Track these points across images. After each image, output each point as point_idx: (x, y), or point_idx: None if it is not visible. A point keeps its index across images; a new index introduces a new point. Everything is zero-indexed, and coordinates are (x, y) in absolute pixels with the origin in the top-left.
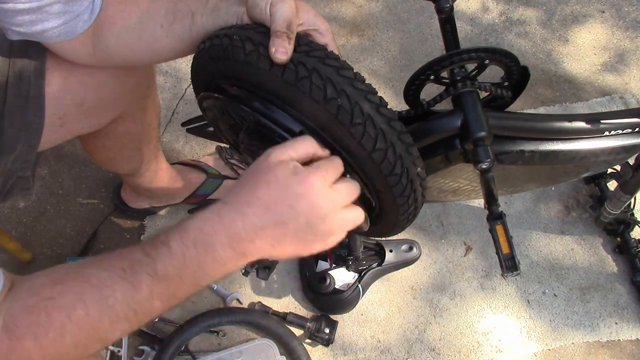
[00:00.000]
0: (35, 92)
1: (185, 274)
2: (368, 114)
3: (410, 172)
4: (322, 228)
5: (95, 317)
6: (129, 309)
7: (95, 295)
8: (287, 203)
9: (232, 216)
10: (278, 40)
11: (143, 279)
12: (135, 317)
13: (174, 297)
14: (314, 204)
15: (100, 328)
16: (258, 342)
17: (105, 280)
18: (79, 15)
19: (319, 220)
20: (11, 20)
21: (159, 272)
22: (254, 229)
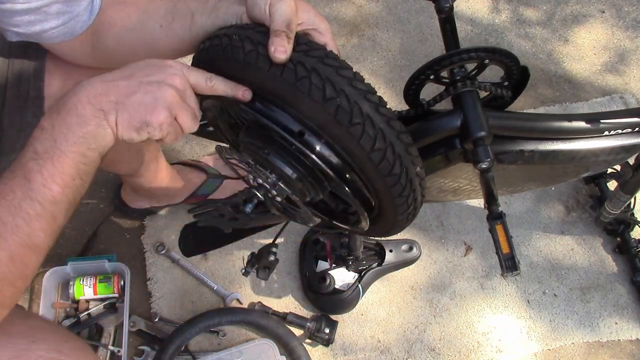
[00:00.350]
0: (34, 93)
1: (59, 142)
2: (367, 113)
3: (410, 172)
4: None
5: (11, 223)
6: (34, 202)
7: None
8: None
9: (90, 80)
10: (277, 40)
11: (30, 166)
12: (43, 209)
13: (65, 175)
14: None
15: (21, 232)
16: (258, 342)
17: (3, 188)
18: (77, 16)
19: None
20: (10, 21)
21: (38, 150)
22: (109, 85)
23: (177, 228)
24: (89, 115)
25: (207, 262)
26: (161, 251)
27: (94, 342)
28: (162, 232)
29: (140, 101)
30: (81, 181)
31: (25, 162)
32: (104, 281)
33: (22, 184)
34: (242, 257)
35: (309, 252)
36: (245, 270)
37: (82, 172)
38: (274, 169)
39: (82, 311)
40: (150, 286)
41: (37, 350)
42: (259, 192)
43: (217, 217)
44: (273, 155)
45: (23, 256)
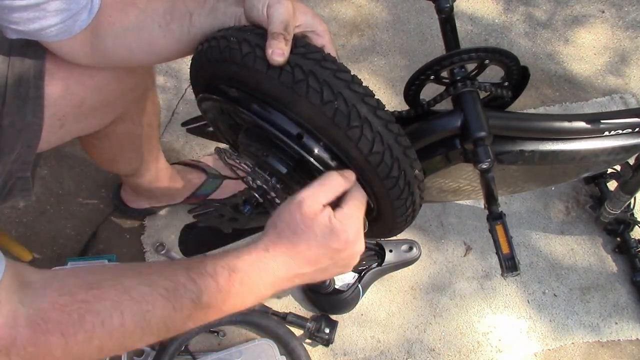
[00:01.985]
0: (34, 93)
1: (226, 306)
2: (365, 117)
3: (408, 175)
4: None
5: (129, 329)
6: (164, 326)
7: (134, 308)
8: (328, 257)
9: (276, 265)
10: (274, 42)
11: (185, 303)
12: (167, 333)
13: (206, 322)
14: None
15: (131, 339)
16: (258, 342)
17: (146, 296)
18: (76, 14)
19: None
20: (8, 18)
21: (203, 301)
22: (296, 275)
23: (177, 228)
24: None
25: None
26: (161, 251)
27: None
28: (162, 232)
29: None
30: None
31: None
32: None
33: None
34: None
35: None
36: None
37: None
38: (273, 171)
39: None
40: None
41: None
42: (258, 194)
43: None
44: (271, 158)
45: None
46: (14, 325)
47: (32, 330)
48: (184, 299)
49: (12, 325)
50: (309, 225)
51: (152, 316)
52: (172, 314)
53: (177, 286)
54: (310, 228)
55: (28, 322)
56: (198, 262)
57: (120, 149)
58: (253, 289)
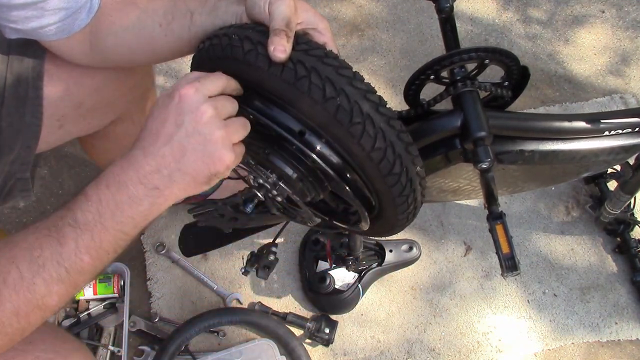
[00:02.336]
0: (33, 94)
1: (105, 218)
2: (367, 113)
3: (410, 172)
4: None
5: (28, 279)
6: (60, 267)
7: (25, 257)
8: (171, 122)
9: (134, 153)
10: (276, 39)
11: (66, 231)
12: (68, 276)
13: (101, 250)
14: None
15: (36, 291)
16: (258, 342)
17: (33, 242)
18: (75, 13)
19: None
20: (7, 16)
21: (79, 220)
22: (153, 158)
23: (177, 228)
24: (142, 195)
25: (207, 262)
26: (161, 251)
27: (94, 342)
28: (162, 232)
29: (194, 159)
30: (114, 255)
31: (62, 226)
32: (104, 281)
33: (53, 246)
34: (242, 257)
35: (309, 252)
36: (245, 269)
37: (118, 246)
38: (275, 169)
39: (82, 311)
40: (150, 286)
41: (35, 351)
42: (260, 192)
43: (217, 217)
44: (273, 155)
45: (29, 314)
46: None
47: None
48: (64, 228)
49: None
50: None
51: (45, 259)
52: (60, 249)
53: (56, 220)
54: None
55: None
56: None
57: (120, 149)
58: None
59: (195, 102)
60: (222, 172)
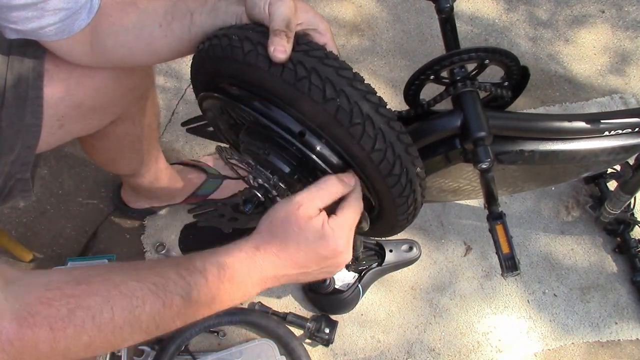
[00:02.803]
0: (33, 94)
1: (214, 303)
2: (367, 114)
3: (410, 172)
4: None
5: (119, 324)
6: (153, 323)
7: (124, 303)
8: (314, 262)
9: (265, 264)
10: (277, 39)
11: (175, 299)
12: (156, 330)
13: (194, 319)
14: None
15: (120, 335)
16: (258, 342)
17: (135, 291)
18: (76, 13)
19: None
20: (7, 17)
21: (192, 297)
22: (283, 275)
23: (177, 228)
24: (255, 292)
25: None
26: (161, 251)
27: None
28: (162, 232)
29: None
30: None
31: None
32: None
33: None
34: None
35: None
36: None
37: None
38: (275, 169)
39: None
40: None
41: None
42: (259, 193)
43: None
44: (273, 156)
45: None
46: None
47: (18, 325)
48: (173, 295)
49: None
50: (302, 228)
51: (142, 312)
52: (161, 310)
53: (167, 282)
54: (302, 231)
55: (13, 316)
56: (187, 259)
57: (120, 150)
58: (241, 287)
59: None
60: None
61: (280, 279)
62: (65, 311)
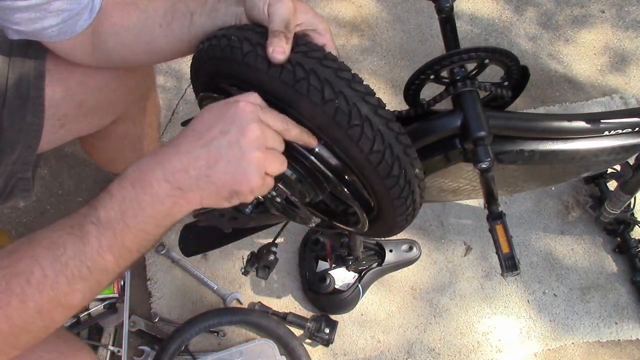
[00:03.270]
0: (35, 93)
1: (127, 217)
2: (366, 115)
3: (408, 174)
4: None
5: (52, 278)
6: (82, 265)
7: (48, 256)
8: (218, 128)
9: (166, 151)
10: (275, 40)
11: (89, 230)
12: (91, 274)
13: (124, 248)
14: (244, 125)
15: (59, 289)
16: (258, 342)
17: (56, 240)
18: (78, 14)
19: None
20: (10, 18)
21: (102, 218)
22: (187, 158)
23: (177, 228)
24: (164, 195)
25: (207, 262)
26: (161, 251)
27: (94, 342)
28: None
29: (225, 170)
30: (138, 254)
31: (85, 225)
32: None
33: (76, 244)
34: (242, 257)
35: (309, 252)
36: (245, 269)
37: (142, 246)
38: None
39: (82, 311)
40: (150, 286)
41: (38, 351)
42: None
43: (217, 217)
44: None
45: (53, 312)
46: None
47: None
48: (87, 226)
49: None
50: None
51: (67, 258)
52: (82, 248)
53: (79, 218)
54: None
55: None
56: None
57: (120, 149)
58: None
59: (249, 118)
60: (245, 193)
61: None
62: (3, 284)
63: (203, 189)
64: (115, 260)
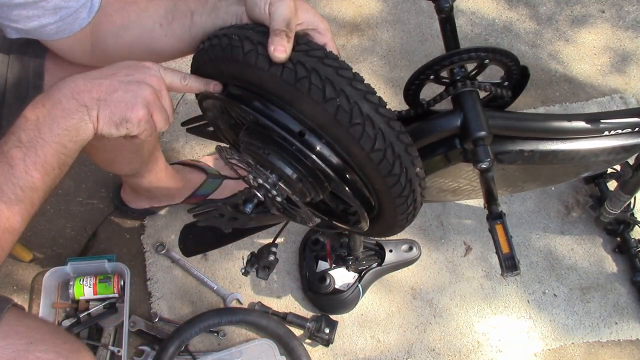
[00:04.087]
0: (34, 93)
1: (43, 132)
2: (367, 114)
3: (409, 172)
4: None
5: None
6: (15, 187)
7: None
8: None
9: (74, 77)
10: (277, 39)
11: (13, 153)
12: (24, 194)
13: (47, 164)
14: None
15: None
16: (258, 342)
17: None
18: (76, 12)
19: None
20: (8, 16)
21: (22, 139)
22: (90, 81)
23: (177, 228)
24: (73, 109)
25: (207, 262)
26: (161, 251)
27: (94, 342)
28: (162, 232)
29: (121, 98)
30: (59, 171)
31: (8, 150)
32: (104, 281)
33: (4, 170)
34: (242, 257)
35: (309, 252)
36: (245, 269)
37: (61, 162)
38: (274, 169)
39: (82, 311)
40: (150, 286)
41: (35, 352)
42: (259, 192)
43: (217, 217)
44: (273, 156)
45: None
46: None
47: None
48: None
49: None
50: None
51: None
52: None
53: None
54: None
55: None
56: None
57: (119, 150)
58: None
59: (151, 69)
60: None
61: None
62: None
63: (102, 110)
64: (42, 177)
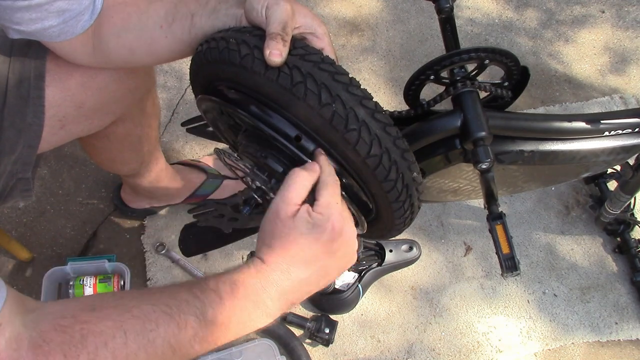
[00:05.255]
0: (35, 94)
1: (233, 323)
2: (363, 119)
3: (406, 178)
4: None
5: (132, 349)
6: (169, 347)
7: (136, 327)
8: (323, 252)
9: (276, 275)
10: (272, 43)
11: (190, 320)
12: (173, 356)
13: (214, 343)
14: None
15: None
16: (258, 342)
17: (149, 314)
18: (79, 15)
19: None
20: (11, 18)
21: (208, 316)
22: (299, 282)
23: (177, 228)
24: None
25: (207, 262)
26: (161, 251)
27: None
28: (162, 232)
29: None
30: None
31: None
32: (104, 281)
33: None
34: (242, 257)
35: None
36: None
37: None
38: (272, 172)
39: None
40: (150, 286)
41: None
42: (257, 195)
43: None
44: (270, 159)
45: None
46: (17, 348)
47: (34, 353)
48: (187, 316)
49: (16, 349)
50: (292, 227)
51: (156, 335)
52: (176, 332)
53: (180, 303)
54: (294, 229)
55: (30, 344)
56: (200, 279)
57: (120, 150)
58: (259, 304)
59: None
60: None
61: (301, 288)
62: (78, 337)
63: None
64: (201, 350)
